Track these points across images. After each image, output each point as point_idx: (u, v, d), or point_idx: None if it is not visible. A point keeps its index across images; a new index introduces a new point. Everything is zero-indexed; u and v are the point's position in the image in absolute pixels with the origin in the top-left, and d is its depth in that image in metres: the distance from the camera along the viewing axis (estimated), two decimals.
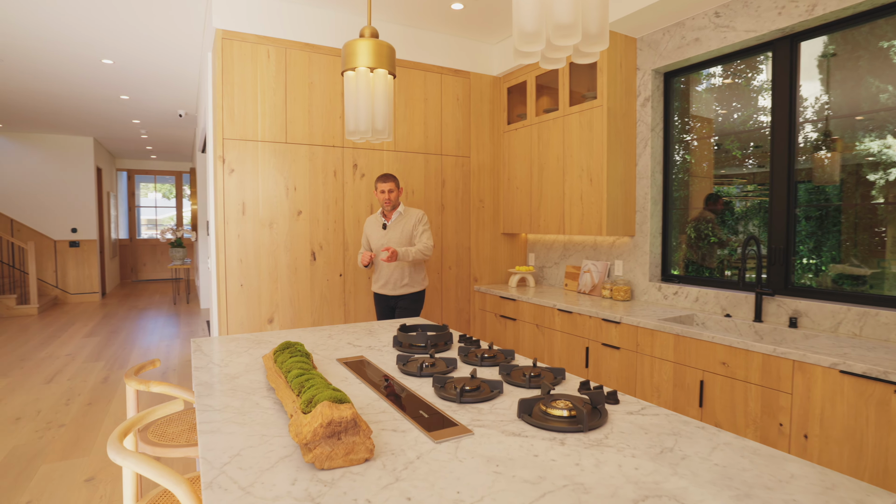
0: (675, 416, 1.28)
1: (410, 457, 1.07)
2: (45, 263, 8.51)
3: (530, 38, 1.09)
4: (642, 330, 2.65)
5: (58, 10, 3.52)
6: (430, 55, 3.83)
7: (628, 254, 3.37)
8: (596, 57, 1.19)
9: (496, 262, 4.24)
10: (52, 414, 3.58)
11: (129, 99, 5.94)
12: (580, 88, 3.58)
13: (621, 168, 3.21)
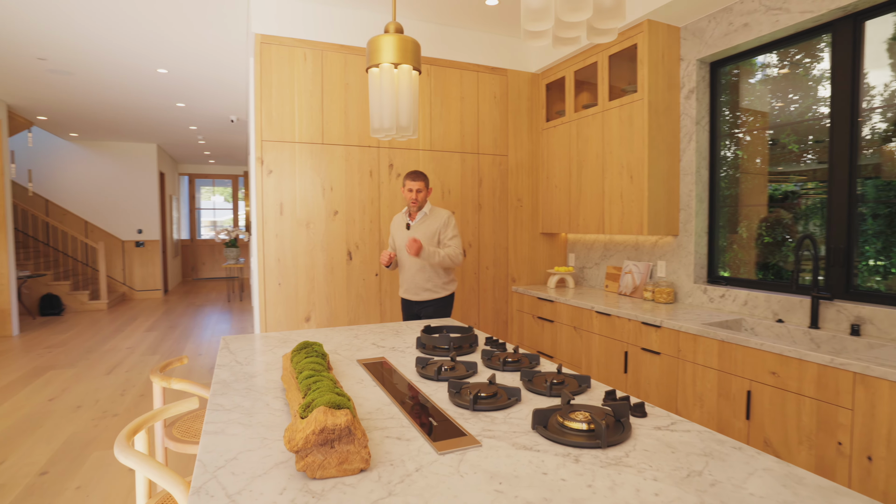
0: (708, 434, 1.16)
1: (409, 469, 1.02)
2: (114, 262, 9.13)
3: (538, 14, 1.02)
4: (684, 335, 2.48)
5: (116, 23, 3.73)
6: (466, 53, 3.77)
7: (671, 254, 3.18)
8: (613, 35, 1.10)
9: (535, 263, 4.12)
10: (108, 404, 3.80)
11: (185, 106, 6.24)
12: (620, 82, 3.41)
13: (664, 164, 3.03)
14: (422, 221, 2.99)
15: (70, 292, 7.99)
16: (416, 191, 2.92)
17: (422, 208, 2.99)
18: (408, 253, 2.88)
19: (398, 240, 3.05)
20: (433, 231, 2.98)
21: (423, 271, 2.96)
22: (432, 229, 2.98)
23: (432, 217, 2.99)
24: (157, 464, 1.12)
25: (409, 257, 2.95)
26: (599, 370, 3.08)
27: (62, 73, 4.92)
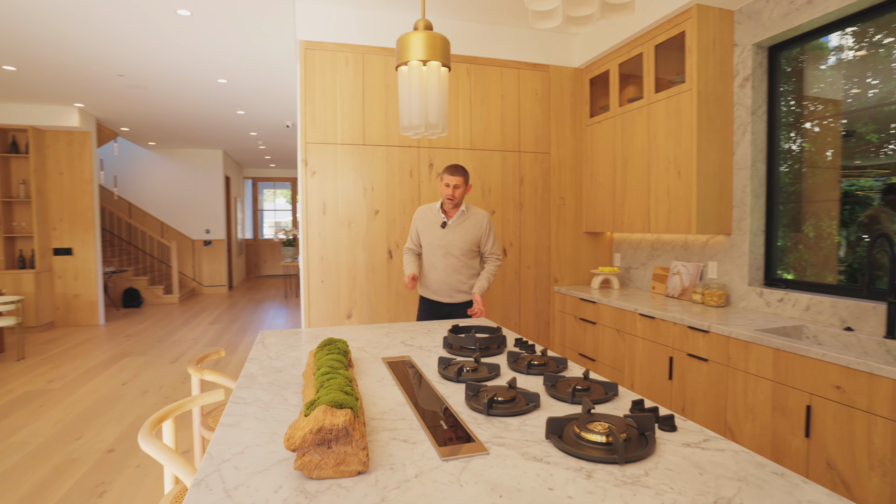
0: (746, 455, 1.07)
1: (408, 474, 1.01)
2: (185, 259, 9.79)
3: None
4: (734, 341, 2.31)
5: (181, 38, 3.98)
6: (506, 50, 3.71)
7: (724, 254, 2.97)
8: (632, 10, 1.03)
9: (578, 263, 4.00)
10: (170, 390, 4.08)
11: (245, 114, 6.58)
12: (667, 73, 3.23)
13: (714, 158, 2.84)
14: (459, 222, 2.76)
15: (147, 287, 8.65)
16: (454, 186, 2.67)
17: (458, 206, 2.76)
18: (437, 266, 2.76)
19: (427, 237, 2.80)
20: (473, 236, 2.75)
21: (457, 273, 2.78)
22: (472, 234, 2.75)
23: (471, 218, 2.77)
24: (172, 453, 1.18)
25: (441, 258, 2.76)
26: (642, 376, 2.94)
27: (137, 87, 5.33)
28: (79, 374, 4.59)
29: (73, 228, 6.71)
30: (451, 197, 2.69)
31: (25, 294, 6.30)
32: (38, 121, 6.25)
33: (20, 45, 4.15)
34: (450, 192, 2.69)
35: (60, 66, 4.67)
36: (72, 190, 6.69)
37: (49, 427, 3.36)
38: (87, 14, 3.56)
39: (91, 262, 6.79)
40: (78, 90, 5.49)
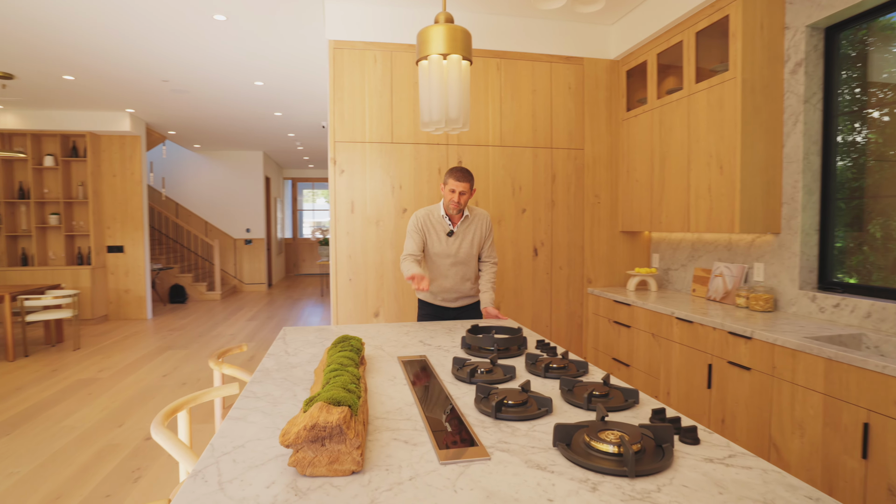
0: (776, 475, 0.95)
1: (403, 476, 0.95)
2: (227, 258, 10.13)
3: None
4: (780, 349, 2.13)
5: (220, 42, 4.09)
6: (538, 43, 3.61)
7: (771, 255, 2.77)
8: None
9: (613, 263, 3.84)
10: (207, 383, 4.19)
11: (282, 115, 6.73)
12: (709, 62, 3.04)
13: (761, 152, 2.64)
14: (465, 227, 2.58)
15: (192, 283, 9.01)
16: (461, 193, 2.44)
17: (462, 211, 2.56)
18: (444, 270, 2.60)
19: (435, 246, 2.57)
20: (478, 238, 2.60)
21: (466, 280, 2.65)
22: (477, 236, 2.60)
23: (474, 220, 2.60)
24: (179, 443, 1.18)
25: (450, 266, 2.59)
26: (679, 384, 2.78)
27: (181, 91, 5.54)
28: (125, 364, 4.80)
29: (124, 227, 7.06)
30: (458, 203, 2.46)
31: (82, 289, 6.68)
32: (94, 126, 6.62)
33: (77, 55, 4.39)
34: (455, 198, 2.45)
35: (112, 73, 4.91)
36: (123, 191, 7.04)
37: (96, 413, 3.52)
38: (134, 23, 3.71)
39: (140, 260, 7.12)
40: (128, 96, 5.76)
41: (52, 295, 5.17)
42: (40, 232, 6.79)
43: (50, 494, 2.47)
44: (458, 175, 2.44)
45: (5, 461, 2.81)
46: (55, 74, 4.95)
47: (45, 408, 3.63)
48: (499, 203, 3.62)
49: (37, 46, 4.21)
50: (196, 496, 0.88)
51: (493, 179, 3.61)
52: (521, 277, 3.69)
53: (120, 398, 3.85)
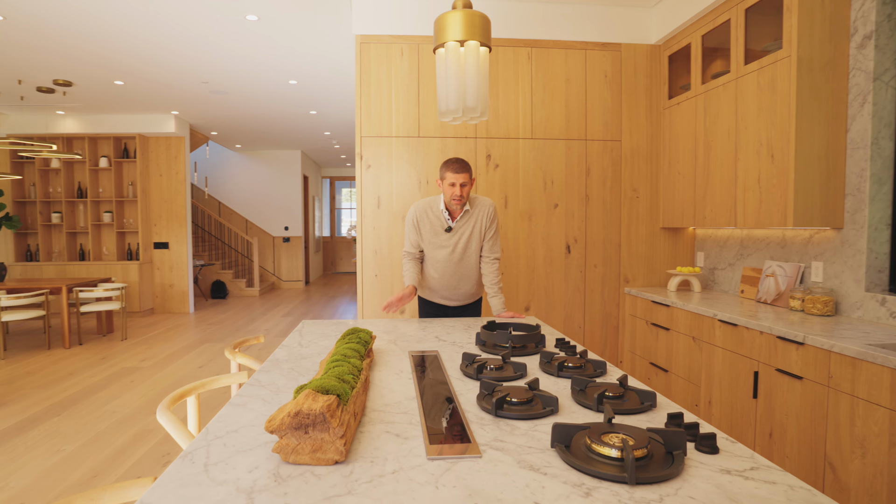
0: (803, 493, 0.80)
1: (386, 469, 0.87)
2: (266, 255, 10.40)
3: None
4: (837, 356, 1.90)
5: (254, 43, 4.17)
6: (573, 31, 3.45)
7: (832, 253, 2.50)
8: None
9: (653, 262, 3.62)
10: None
11: (317, 113, 6.82)
12: (760, 41, 2.79)
13: (820, 137, 2.39)
14: (465, 221, 2.35)
15: (232, 280, 9.29)
16: (461, 185, 2.22)
17: (464, 205, 2.33)
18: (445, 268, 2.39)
19: (433, 242, 2.37)
20: (478, 232, 2.35)
21: (469, 279, 2.43)
22: (477, 229, 2.35)
23: (475, 212, 2.35)
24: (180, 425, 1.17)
25: (451, 264, 2.38)
26: (722, 392, 2.56)
27: (220, 92, 5.70)
28: (166, 355, 4.96)
29: (169, 224, 7.35)
30: (460, 198, 2.24)
31: (130, 283, 7.00)
32: (143, 128, 6.94)
33: (125, 60, 4.59)
34: (457, 192, 2.22)
35: (156, 77, 5.11)
36: (169, 190, 7.33)
37: (136, 400, 3.65)
38: (174, 27, 3.82)
39: (184, 256, 7.40)
40: (172, 98, 5.99)
41: (103, 288, 5.43)
42: (95, 229, 7.17)
43: (89, 472, 2.57)
44: (455, 167, 2.21)
45: (54, 439, 2.95)
46: (107, 80, 5.20)
47: (92, 392, 3.80)
48: (529, 198, 3.49)
49: (91, 54, 4.43)
50: (180, 476, 0.86)
51: (523, 173, 3.47)
52: (552, 276, 3.53)
53: (158, 386, 3.97)
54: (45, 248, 7.18)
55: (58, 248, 7.27)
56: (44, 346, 5.29)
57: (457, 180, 2.21)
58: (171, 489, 0.81)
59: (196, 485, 0.82)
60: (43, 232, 7.15)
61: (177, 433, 1.27)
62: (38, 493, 2.36)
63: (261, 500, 0.77)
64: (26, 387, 3.91)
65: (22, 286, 5.08)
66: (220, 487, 0.81)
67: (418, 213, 2.37)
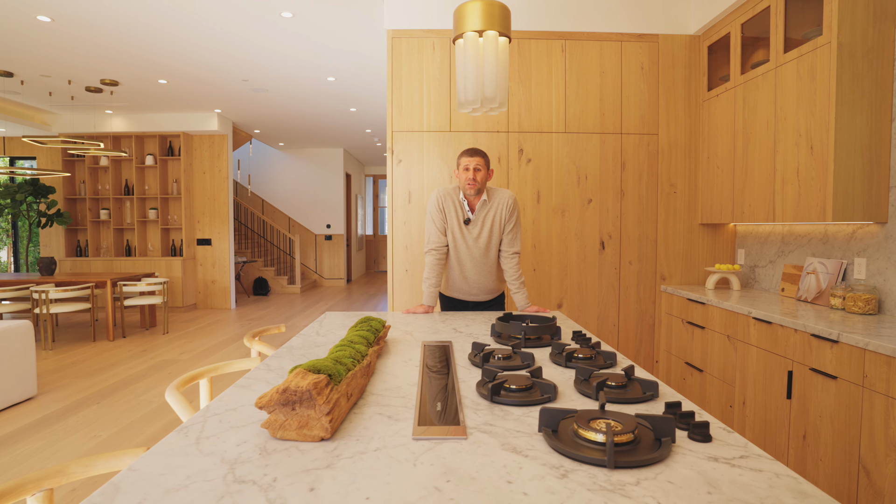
0: (789, 480, 0.77)
1: (369, 447, 0.90)
2: (308, 253, 10.71)
3: None
4: (873, 355, 1.79)
5: (292, 40, 4.33)
6: (608, 22, 3.38)
7: (876, 248, 2.35)
8: None
9: (692, 259, 3.50)
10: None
11: (357, 111, 6.97)
12: (800, 28, 2.65)
13: (862, 126, 2.25)
14: (483, 213, 2.34)
15: (274, 277, 9.63)
16: (475, 169, 2.23)
17: (481, 193, 2.32)
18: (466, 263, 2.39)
19: (454, 234, 2.36)
20: (498, 224, 2.34)
21: (490, 274, 2.42)
22: (497, 221, 2.34)
23: (493, 203, 2.34)
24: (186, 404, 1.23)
25: (472, 257, 2.38)
26: (756, 392, 2.45)
27: (260, 90, 5.94)
28: (205, 348, 5.22)
29: (212, 221, 7.69)
30: (473, 181, 2.24)
31: (174, 278, 7.38)
32: (187, 126, 7.28)
33: (167, 59, 4.86)
34: (471, 175, 2.23)
35: (198, 75, 5.37)
36: (212, 187, 7.67)
37: None
38: (213, 25, 4.03)
39: (226, 253, 7.73)
40: (214, 97, 6.28)
41: (146, 282, 5.75)
42: (141, 225, 7.57)
43: None
44: (469, 151, 2.26)
45: (92, 425, 3.16)
46: (151, 79, 5.50)
47: (131, 382, 4.05)
48: (563, 193, 3.45)
49: (137, 54, 4.71)
50: (171, 447, 0.91)
51: (556, 168, 3.44)
52: (585, 272, 3.48)
53: None
54: (93, 243, 7.59)
55: (105, 244, 7.67)
56: (89, 338, 5.63)
57: (470, 164, 2.22)
58: (160, 458, 0.86)
59: (184, 455, 0.87)
60: (92, 228, 7.54)
61: (182, 411, 1.34)
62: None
63: (241, 470, 0.82)
64: (70, 376, 4.20)
65: (70, 279, 5.41)
66: (205, 458, 0.86)
67: (441, 197, 2.35)
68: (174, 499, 0.73)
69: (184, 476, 0.80)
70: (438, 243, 2.38)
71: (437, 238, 2.37)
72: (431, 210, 2.37)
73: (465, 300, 2.53)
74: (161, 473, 0.81)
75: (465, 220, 2.33)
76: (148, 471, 0.82)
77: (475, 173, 2.24)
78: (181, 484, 0.78)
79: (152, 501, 0.73)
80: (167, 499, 0.73)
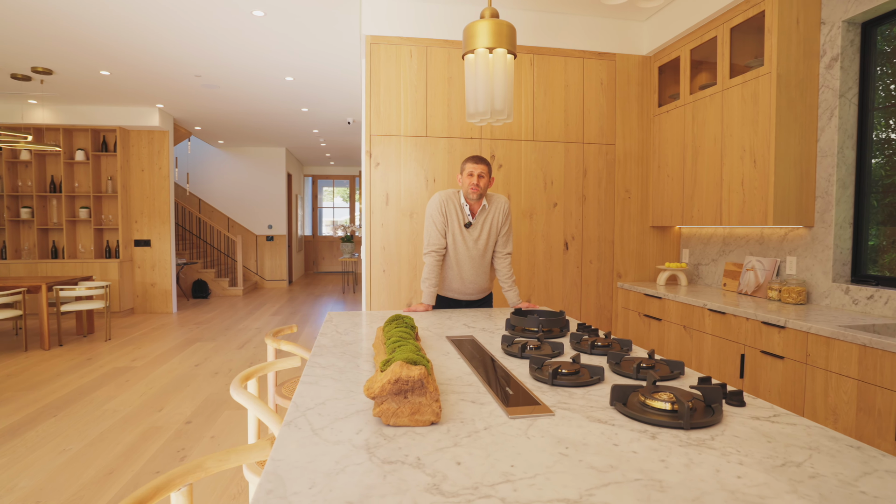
0: (819, 430, 1.02)
1: (478, 427, 1.03)
2: (249, 254, 10.32)
3: None
4: (814, 337, 2.16)
5: (253, 37, 4.23)
6: (572, 40, 3.67)
7: (804, 248, 2.79)
8: None
9: (643, 258, 3.88)
10: (239, 373, 4.32)
11: (308, 111, 6.87)
12: (743, 57, 3.07)
13: (795, 145, 2.67)
14: (483, 217, 2.49)
15: (214, 279, 9.20)
16: (479, 175, 2.38)
17: (482, 198, 2.46)
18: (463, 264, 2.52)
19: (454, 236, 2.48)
20: (495, 228, 2.50)
21: (485, 275, 2.59)
22: (495, 225, 2.50)
23: (492, 208, 2.50)
24: (258, 400, 1.27)
25: (469, 258, 2.51)
26: (711, 374, 2.81)
27: (211, 86, 5.70)
28: (157, 354, 4.95)
29: (151, 221, 7.24)
30: (476, 187, 2.38)
31: (110, 281, 6.86)
32: (124, 121, 6.80)
33: (114, 51, 4.56)
34: (474, 181, 2.38)
35: (147, 69, 5.08)
36: (151, 186, 7.22)
37: (135, 399, 3.66)
38: (170, 18, 3.86)
39: (166, 254, 7.30)
40: (160, 91, 5.94)
41: (86, 286, 5.33)
42: (70, 225, 6.98)
43: (103, 469, 2.60)
44: (475, 158, 2.41)
45: (57, 439, 2.95)
46: (93, 69, 5.11)
47: (86, 392, 3.78)
48: (531, 197, 3.69)
49: (77, 41, 4.38)
50: (296, 439, 0.98)
51: (525, 174, 3.67)
52: (551, 271, 3.75)
53: (156, 385, 3.98)
54: (12, 245, 6.91)
55: (27, 246, 7.01)
56: (19, 347, 5.13)
57: (475, 170, 2.38)
58: (294, 449, 0.93)
59: (313, 445, 0.95)
60: (10, 228, 6.87)
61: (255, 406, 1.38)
62: (53, 492, 2.37)
63: (381, 453, 0.92)
64: (10, 389, 3.84)
65: None
66: (337, 446, 0.94)
67: (443, 200, 2.46)
68: (341, 481, 0.82)
69: (332, 462, 0.88)
70: (438, 245, 2.49)
71: (437, 240, 2.48)
72: (433, 213, 2.48)
73: (459, 299, 2.67)
74: (308, 461, 0.89)
75: (465, 223, 2.47)
76: (292, 460, 0.89)
77: (479, 179, 2.38)
78: (336, 468, 0.86)
79: (322, 485, 0.81)
80: (334, 481, 0.82)
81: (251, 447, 1.03)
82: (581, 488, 0.79)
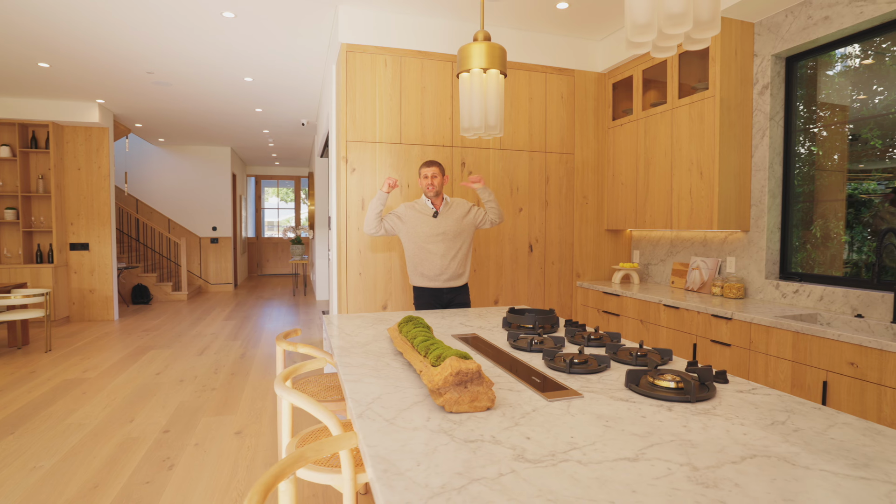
0: (788, 397, 1.29)
1: (527, 409, 1.21)
2: (193, 257, 9.88)
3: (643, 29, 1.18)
4: (756, 326, 2.54)
5: (213, 37, 4.16)
6: (535, 55, 3.94)
7: (742, 250, 3.21)
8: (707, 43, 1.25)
9: (599, 259, 4.23)
10: (206, 379, 4.23)
11: (262, 112, 6.74)
12: (690, 80, 3.48)
13: (735, 160, 3.08)
14: (447, 209, 3.00)
15: (156, 283, 8.74)
16: (433, 176, 2.94)
17: (440, 195, 3.01)
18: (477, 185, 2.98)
19: (422, 229, 2.96)
20: (466, 217, 3.00)
21: (455, 259, 2.98)
22: (460, 213, 3.00)
23: (455, 205, 3.02)
24: (311, 399, 1.38)
25: (439, 244, 2.94)
26: None
27: (163, 84, 5.48)
28: (110, 364, 4.71)
29: (89, 224, 6.81)
30: (431, 185, 2.95)
31: (44, 288, 6.39)
32: (58, 116, 6.36)
33: (55, 43, 4.30)
34: (429, 181, 2.95)
35: (91, 63, 4.81)
36: (89, 185, 6.79)
37: (99, 410, 3.51)
38: (124, 14, 3.73)
39: (107, 258, 6.90)
40: (103, 86, 5.63)
41: (21, 294, 4.98)
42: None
43: (87, 483, 2.52)
44: (427, 163, 2.98)
45: (23, 456, 2.80)
46: (30, 61, 4.78)
47: (41, 407, 3.57)
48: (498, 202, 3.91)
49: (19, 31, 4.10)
50: (376, 428, 1.10)
51: (493, 180, 3.90)
52: (517, 272, 4.00)
53: (119, 396, 3.83)
54: None
55: None
56: None
57: (428, 172, 2.96)
58: (384, 436, 1.06)
59: (395, 432, 1.08)
60: None
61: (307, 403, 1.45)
62: None
63: (458, 434, 1.08)
64: None
65: None
66: (416, 432, 1.09)
67: (405, 206, 3.04)
68: (439, 457, 0.97)
69: (421, 444, 1.03)
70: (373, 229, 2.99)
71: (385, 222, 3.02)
72: (393, 212, 3.05)
73: (439, 287, 3.00)
74: (400, 445, 1.03)
75: (433, 213, 2.98)
76: (385, 445, 1.03)
77: (433, 179, 2.95)
78: (427, 449, 1.01)
79: (427, 463, 0.95)
80: (433, 458, 0.97)
81: (340, 438, 1.15)
82: (634, 449, 0.99)
